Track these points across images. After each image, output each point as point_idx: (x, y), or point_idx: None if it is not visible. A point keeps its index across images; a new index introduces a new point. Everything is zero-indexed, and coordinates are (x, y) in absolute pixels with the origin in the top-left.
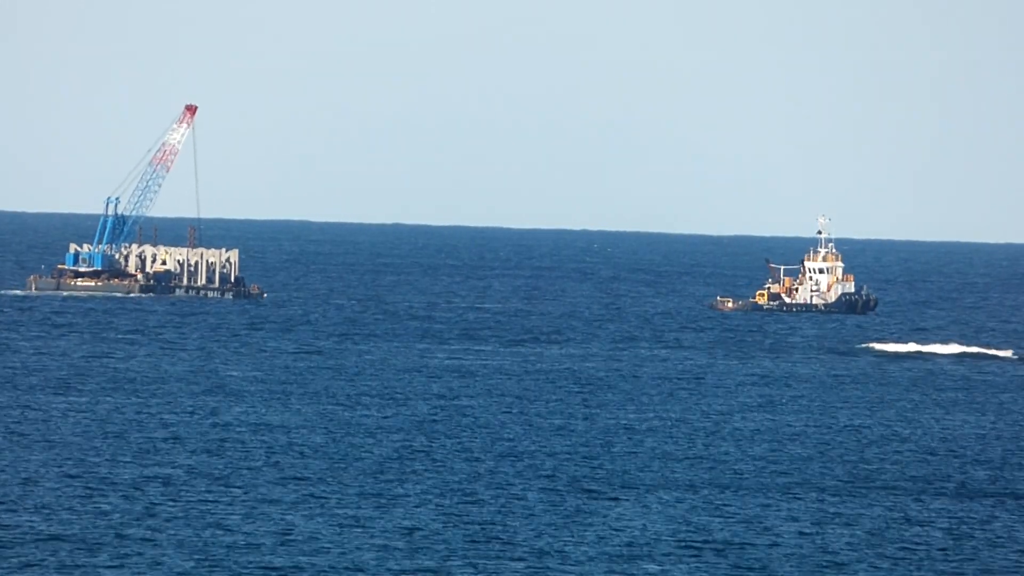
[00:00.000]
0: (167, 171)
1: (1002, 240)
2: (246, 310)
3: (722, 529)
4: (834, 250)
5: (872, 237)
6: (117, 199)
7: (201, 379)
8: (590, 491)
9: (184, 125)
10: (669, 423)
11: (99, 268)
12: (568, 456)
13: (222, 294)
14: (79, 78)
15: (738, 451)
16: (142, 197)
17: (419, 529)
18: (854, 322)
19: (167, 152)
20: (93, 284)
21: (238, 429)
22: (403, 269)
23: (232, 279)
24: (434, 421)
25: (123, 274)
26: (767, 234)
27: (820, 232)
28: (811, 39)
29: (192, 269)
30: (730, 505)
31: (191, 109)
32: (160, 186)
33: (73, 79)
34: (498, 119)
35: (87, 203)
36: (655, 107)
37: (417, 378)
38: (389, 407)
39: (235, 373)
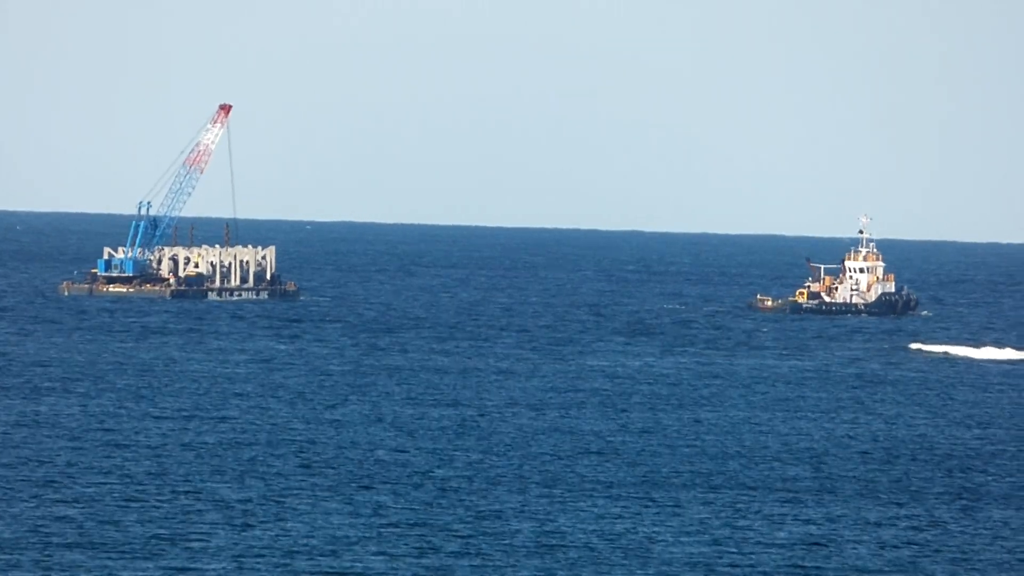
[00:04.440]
0: (200, 172)
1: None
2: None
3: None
4: (875, 250)
5: (907, 238)
6: (149, 203)
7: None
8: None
9: (218, 125)
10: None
11: (131, 274)
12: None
13: (257, 294)
14: (112, 79)
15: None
16: (175, 199)
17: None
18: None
19: (201, 153)
20: (125, 290)
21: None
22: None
23: (268, 277)
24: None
25: (155, 279)
26: (803, 234)
27: (862, 231)
28: (841, 36)
29: (225, 270)
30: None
31: (225, 108)
32: (194, 188)
33: (106, 80)
34: (538, 118)
35: (124, 203)
36: (686, 106)
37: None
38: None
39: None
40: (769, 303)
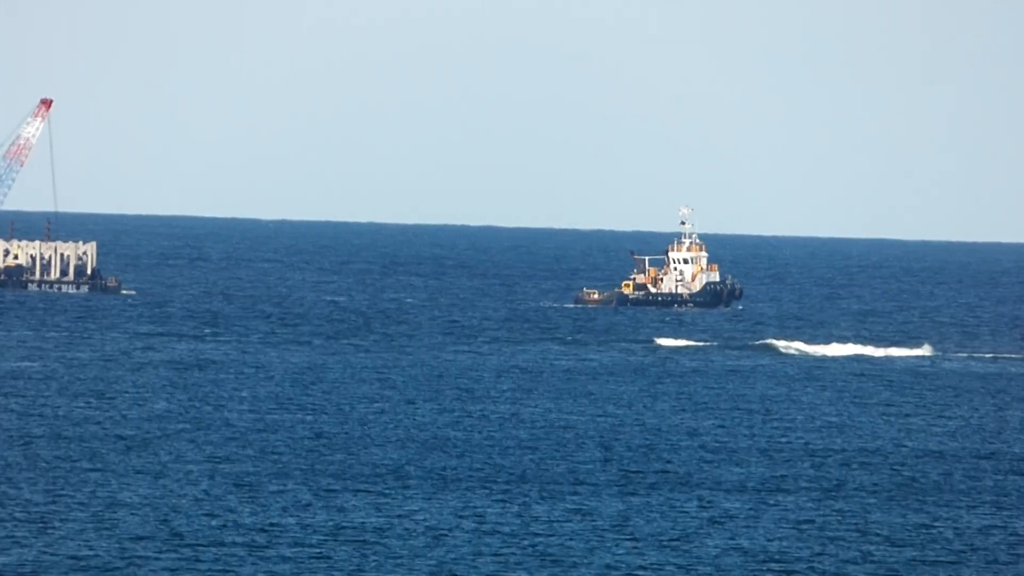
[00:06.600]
0: (21, 165)
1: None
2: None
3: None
4: (697, 240)
5: (738, 232)
6: None
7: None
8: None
9: (39, 119)
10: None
11: None
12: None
13: (78, 287)
14: None
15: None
16: None
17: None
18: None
19: (21, 146)
20: None
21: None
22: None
23: (88, 272)
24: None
25: None
26: (630, 228)
27: (683, 223)
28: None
29: (46, 263)
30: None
31: (46, 103)
32: (14, 180)
33: None
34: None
35: None
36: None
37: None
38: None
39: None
40: (596, 295)
